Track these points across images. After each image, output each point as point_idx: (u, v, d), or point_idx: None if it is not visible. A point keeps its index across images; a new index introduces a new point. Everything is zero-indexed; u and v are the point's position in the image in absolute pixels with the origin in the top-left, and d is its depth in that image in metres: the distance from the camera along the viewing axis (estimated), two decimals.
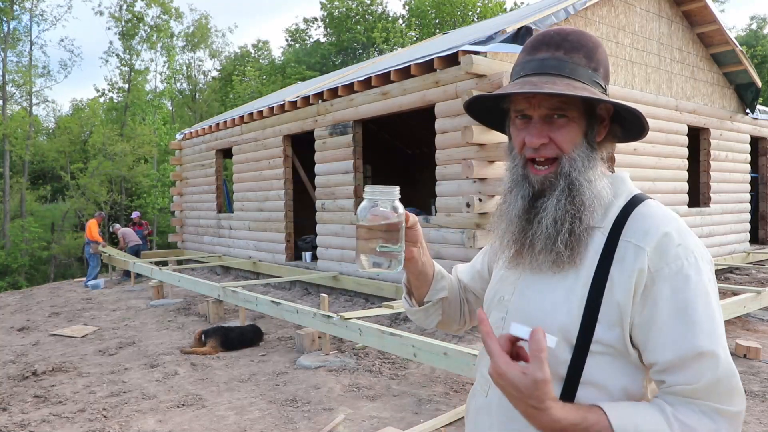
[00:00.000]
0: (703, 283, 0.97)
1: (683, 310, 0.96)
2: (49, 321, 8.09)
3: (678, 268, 0.97)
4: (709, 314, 0.96)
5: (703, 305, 0.96)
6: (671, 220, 1.02)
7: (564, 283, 1.04)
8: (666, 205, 1.08)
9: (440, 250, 6.79)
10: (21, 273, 24.31)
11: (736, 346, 5.23)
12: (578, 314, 1.01)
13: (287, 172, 9.73)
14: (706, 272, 0.99)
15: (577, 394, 1.00)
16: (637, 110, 1.06)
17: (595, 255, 1.03)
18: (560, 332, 1.01)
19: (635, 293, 0.98)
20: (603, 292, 0.99)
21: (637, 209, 1.05)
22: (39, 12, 27.85)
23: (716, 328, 0.96)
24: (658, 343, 0.97)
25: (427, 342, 4.18)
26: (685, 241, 1.00)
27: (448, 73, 6.53)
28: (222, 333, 5.94)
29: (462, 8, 30.93)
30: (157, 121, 30.61)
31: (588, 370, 1.00)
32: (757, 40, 27.98)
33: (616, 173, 1.13)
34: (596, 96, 1.02)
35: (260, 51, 38.77)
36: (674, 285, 0.96)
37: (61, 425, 4.05)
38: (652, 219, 1.02)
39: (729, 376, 0.94)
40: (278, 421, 4.01)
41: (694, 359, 0.94)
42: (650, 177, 8.04)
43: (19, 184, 26.28)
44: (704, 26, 8.93)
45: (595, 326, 0.99)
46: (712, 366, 0.93)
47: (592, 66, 1.08)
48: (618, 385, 1.00)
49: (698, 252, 1.00)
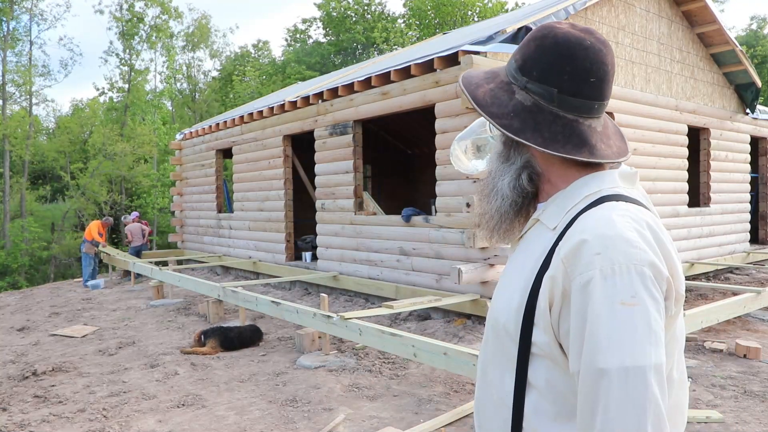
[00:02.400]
0: (614, 296, 0.88)
1: (582, 326, 0.90)
2: (49, 321, 8.09)
3: (587, 279, 0.91)
4: (612, 331, 0.87)
5: (607, 320, 0.88)
6: (602, 225, 0.94)
7: (515, 284, 1.05)
8: (666, 205, 1.06)
9: (440, 250, 6.79)
10: (21, 273, 24.31)
11: (736, 346, 5.24)
12: (517, 316, 1.01)
13: (287, 172, 9.73)
14: (623, 284, 0.89)
15: (526, 399, 1.01)
16: (482, 109, 1.08)
17: (540, 257, 1.02)
18: (504, 330, 1.04)
19: (552, 301, 0.96)
20: (537, 295, 0.98)
21: (588, 212, 0.99)
22: (38, 12, 27.83)
23: (619, 346, 0.87)
24: (569, 354, 0.94)
25: (427, 342, 4.18)
26: (606, 249, 0.91)
27: (449, 73, 6.53)
28: (221, 333, 5.93)
29: (462, 8, 30.91)
30: (157, 121, 30.62)
31: (531, 372, 1.00)
32: (757, 40, 27.98)
33: (592, 174, 1.06)
34: (481, 113, 1.08)
35: (260, 51, 38.78)
36: (580, 298, 0.91)
37: (61, 425, 4.05)
38: (584, 223, 0.97)
39: (623, 400, 0.85)
40: (278, 421, 4.01)
41: (587, 376, 0.89)
42: (650, 177, 8.04)
43: (19, 184, 26.28)
44: (704, 26, 8.93)
45: (533, 329, 0.99)
46: (604, 386, 0.87)
47: (515, 64, 1.10)
48: (560, 390, 0.98)
49: (622, 262, 0.90)
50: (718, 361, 5.03)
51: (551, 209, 1.06)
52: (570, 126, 1.04)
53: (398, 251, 7.42)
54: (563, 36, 1.04)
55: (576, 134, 1.04)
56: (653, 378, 0.86)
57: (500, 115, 1.07)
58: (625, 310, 0.88)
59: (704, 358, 5.13)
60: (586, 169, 1.07)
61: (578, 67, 1.03)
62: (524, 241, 1.12)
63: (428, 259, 6.98)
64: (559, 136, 1.04)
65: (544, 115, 1.05)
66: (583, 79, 1.03)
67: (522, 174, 1.10)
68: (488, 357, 1.11)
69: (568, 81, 1.03)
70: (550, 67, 1.04)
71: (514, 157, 1.11)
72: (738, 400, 4.13)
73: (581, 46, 1.03)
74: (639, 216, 0.97)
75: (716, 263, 8.92)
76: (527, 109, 1.06)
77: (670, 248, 0.97)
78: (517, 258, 1.11)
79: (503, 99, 1.08)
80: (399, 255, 7.41)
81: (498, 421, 1.05)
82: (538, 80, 1.05)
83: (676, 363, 1.04)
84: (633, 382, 0.86)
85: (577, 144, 1.04)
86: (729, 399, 4.16)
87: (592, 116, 1.06)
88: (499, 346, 1.06)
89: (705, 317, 5.10)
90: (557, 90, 1.04)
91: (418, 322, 6.73)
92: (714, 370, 4.81)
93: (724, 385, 4.44)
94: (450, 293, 6.48)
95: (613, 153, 1.07)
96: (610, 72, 1.06)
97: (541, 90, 1.05)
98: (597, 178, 1.05)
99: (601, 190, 1.03)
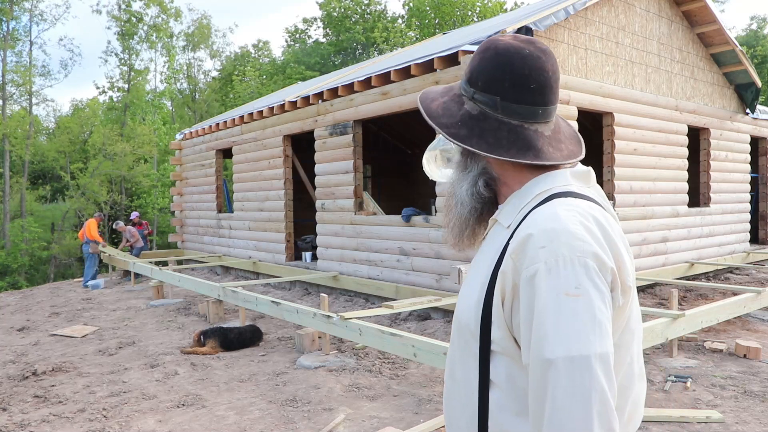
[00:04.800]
0: (558, 287, 0.91)
1: (530, 318, 0.93)
2: (49, 321, 8.09)
3: (533, 272, 0.93)
4: (557, 321, 0.90)
5: (552, 311, 0.90)
6: (548, 220, 0.97)
7: (474, 283, 1.08)
8: (666, 206, 1.07)
9: (440, 250, 6.79)
10: (21, 273, 24.31)
11: (736, 346, 5.24)
12: (477, 314, 1.04)
13: (287, 172, 9.73)
14: (567, 276, 0.91)
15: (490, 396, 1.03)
16: (432, 120, 1.13)
17: (496, 255, 1.05)
18: (466, 328, 1.06)
19: (504, 296, 0.99)
20: (493, 291, 1.01)
21: (537, 208, 1.03)
22: (38, 12, 27.84)
23: (565, 336, 0.89)
24: (521, 347, 0.97)
25: (427, 342, 4.18)
26: (550, 243, 0.94)
27: (448, 73, 6.53)
28: (221, 333, 5.93)
29: (462, 8, 30.91)
30: (157, 121, 30.61)
31: (492, 369, 1.03)
32: (757, 40, 27.97)
33: (544, 174, 1.10)
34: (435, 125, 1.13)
35: (260, 51, 38.78)
36: (527, 291, 0.94)
37: (61, 425, 4.05)
38: (532, 218, 1.00)
39: (569, 389, 0.87)
40: (278, 421, 4.01)
41: (535, 366, 0.91)
42: (650, 177, 8.04)
43: (19, 184, 26.29)
44: (704, 26, 8.93)
45: (491, 326, 1.02)
46: (551, 376, 0.89)
47: (465, 77, 1.15)
48: (520, 386, 1.00)
49: (566, 254, 0.92)
50: (718, 361, 5.03)
51: (506, 209, 1.11)
52: (515, 131, 1.09)
53: (398, 251, 7.42)
54: (503, 47, 1.10)
55: (521, 139, 1.09)
56: (599, 367, 0.88)
57: (449, 125, 1.12)
58: (570, 301, 0.90)
59: (704, 358, 5.13)
60: (538, 170, 1.11)
61: (517, 74, 1.08)
62: (485, 242, 1.16)
63: (428, 259, 6.98)
64: (504, 141, 1.08)
65: (490, 123, 1.10)
66: (523, 86, 1.08)
67: (478, 180, 1.14)
68: (455, 355, 1.14)
69: (509, 88, 1.08)
70: (492, 76, 1.09)
71: (471, 166, 1.16)
72: (738, 400, 4.13)
73: (519, 55, 1.08)
74: (586, 210, 1.00)
75: (716, 263, 8.92)
76: (474, 117, 1.11)
77: (617, 241, 1.00)
78: (478, 258, 1.15)
79: (453, 110, 1.14)
80: (399, 255, 7.41)
81: (465, 418, 1.08)
82: (483, 90, 1.10)
83: (636, 356, 1.07)
84: (579, 371, 0.87)
85: (522, 148, 1.08)
86: (729, 399, 4.16)
87: (537, 121, 1.10)
88: (463, 344, 1.09)
89: (705, 317, 5.10)
90: (500, 98, 1.09)
91: (418, 322, 6.73)
92: (714, 370, 4.81)
93: (724, 385, 4.44)
94: (450, 293, 6.48)
95: (562, 156, 1.11)
96: (552, 78, 1.10)
97: (486, 99, 1.10)
98: (549, 177, 1.09)
99: (551, 189, 1.07)
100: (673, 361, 5.00)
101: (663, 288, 7.92)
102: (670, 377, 4.54)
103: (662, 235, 8.18)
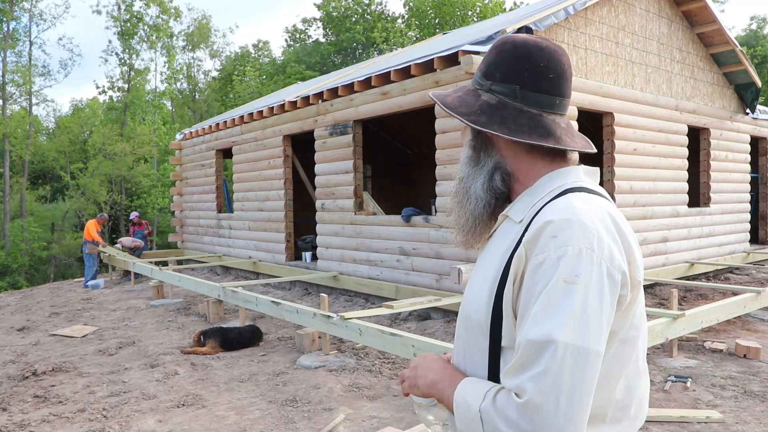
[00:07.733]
0: (559, 274, 0.92)
1: (528, 301, 0.95)
2: (49, 321, 8.09)
3: (541, 260, 0.95)
4: (549, 303, 0.92)
5: (547, 293, 0.92)
6: (563, 212, 0.98)
7: (485, 278, 1.09)
8: (666, 205, 1.08)
9: (440, 250, 6.79)
10: (21, 273, 24.31)
11: (736, 346, 5.24)
12: (488, 309, 1.05)
13: (287, 172, 9.73)
14: (570, 264, 0.93)
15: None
16: (450, 110, 1.15)
17: (509, 250, 1.05)
18: (476, 324, 1.07)
19: (514, 284, 1.00)
20: (504, 286, 1.02)
21: (551, 202, 1.04)
22: (38, 12, 27.84)
23: (548, 320, 0.90)
24: (516, 328, 0.99)
25: (427, 342, 4.18)
26: (562, 233, 0.95)
27: (449, 73, 6.53)
28: (221, 334, 5.93)
29: (462, 8, 30.91)
30: (157, 121, 30.62)
31: (503, 364, 1.03)
32: (757, 40, 27.98)
33: (557, 170, 1.11)
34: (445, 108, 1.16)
35: (260, 51, 38.78)
36: (531, 276, 0.96)
37: (61, 425, 4.05)
38: (547, 211, 1.02)
39: (555, 370, 0.88)
40: (278, 421, 4.01)
41: (522, 343, 0.93)
42: (650, 177, 8.04)
43: (19, 184, 26.29)
44: (704, 26, 8.93)
45: (502, 320, 1.02)
46: (548, 356, 0.89)
47: (480, 72, 1.17)
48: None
49: (575, 245, 0.94)
50: (718, 361, 5.03)
51: (518, 205, 1.12)
52: (534, 119, 1.11)
53: (398, 251, 7.42)
54: (521, 40, 1.13)
55: (541, 126, 1.10)
56: (586, 355, 0.90)
57: (468, 113, 1.14)
58: (566, 287, 0.92)
59: (704, 358, 5.13)
60: (552, 165, 1.12)
61: (536, 64, 1.11)
62: (493, 238, 1.16)
63: (428, 259, 6.98)
64: (525, 128, 1.10)
65: (509, 111, 1.12)
66: (542, 75, 1.11)
67: (495, 175, 1.15)
68: (461, 352, 1.14)
69: (528, 77, 1.11)
70: (511, 67, 1.12)
71: (484, 160, 1.17)
72: (738, 400, 4.13)
73: (537, 47, 1.12)
74: (600, 205, 1.02)
75: (716, 263, 8.92)
76: (493, 106, 1.13)
77: (629, 237, 1.02)
78: (486, 254, 1.15)
79: (470, 101, 1.16)
80: (399, 255, 7.41)
81: None
82: (502, 81, 1.13)
83: (641, 353, 1.08)
84: (571, 355, 0.89)
85: (543, 134, 1.10)
86: (729, 399, 4.16)
87: (554, 112, 1.13)
88: (471, 340, 1.09)
89: (705, 317, 5.10)
90: (519, 86, 1.11)
91: (418, 322, 6.73)
92: (714, 370, 4.81)
93: (724, 385, 4.44)
94: (450, 293, 6.48)
95: (578, 145, 1.13)
96: (567, 71, 1.14)
97: (505, 89, 1.12)
98: (562, 174, 1.11)
99: (565, 184, 1.09)
100: (673, 361, 5.00)
101: (663, 288, 7.92)
102: (670, 377, 4.54)
103: (662, 235, 8.18)
